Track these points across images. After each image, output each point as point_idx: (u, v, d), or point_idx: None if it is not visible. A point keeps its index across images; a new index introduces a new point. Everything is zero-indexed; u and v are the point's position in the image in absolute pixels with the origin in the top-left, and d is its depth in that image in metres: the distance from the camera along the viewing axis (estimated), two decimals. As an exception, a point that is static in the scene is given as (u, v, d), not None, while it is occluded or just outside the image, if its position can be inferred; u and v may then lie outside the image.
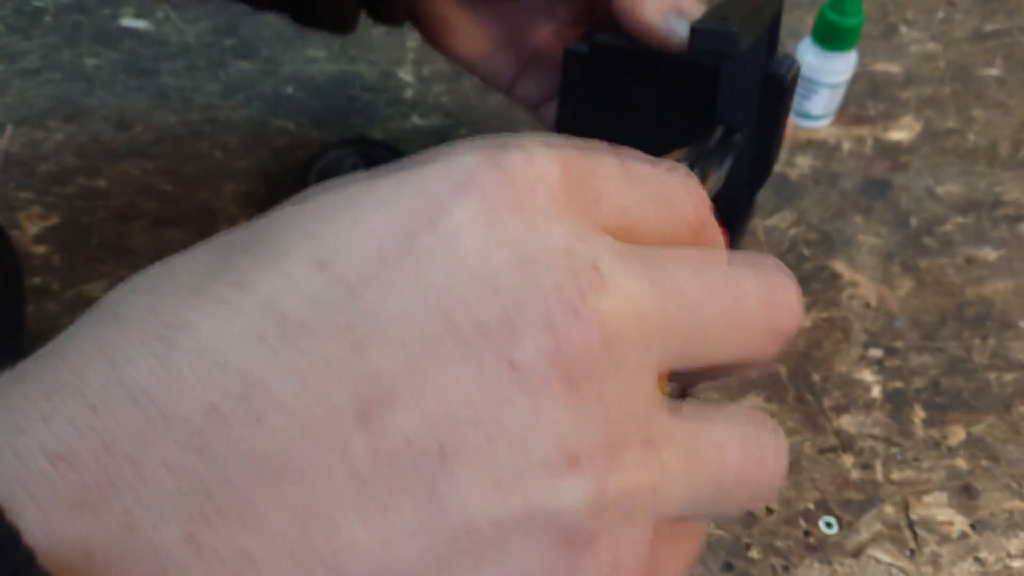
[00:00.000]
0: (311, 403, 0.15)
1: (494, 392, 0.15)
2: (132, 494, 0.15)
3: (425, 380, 0.15)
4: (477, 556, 0.16)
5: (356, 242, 0.17)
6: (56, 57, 0.67)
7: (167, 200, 0.58)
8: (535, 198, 0.17)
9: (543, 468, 0.16)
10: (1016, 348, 0.51)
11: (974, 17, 0.73)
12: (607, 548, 0.16)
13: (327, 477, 0.15)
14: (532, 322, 0.16)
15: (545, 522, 0.16)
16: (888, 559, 0.43)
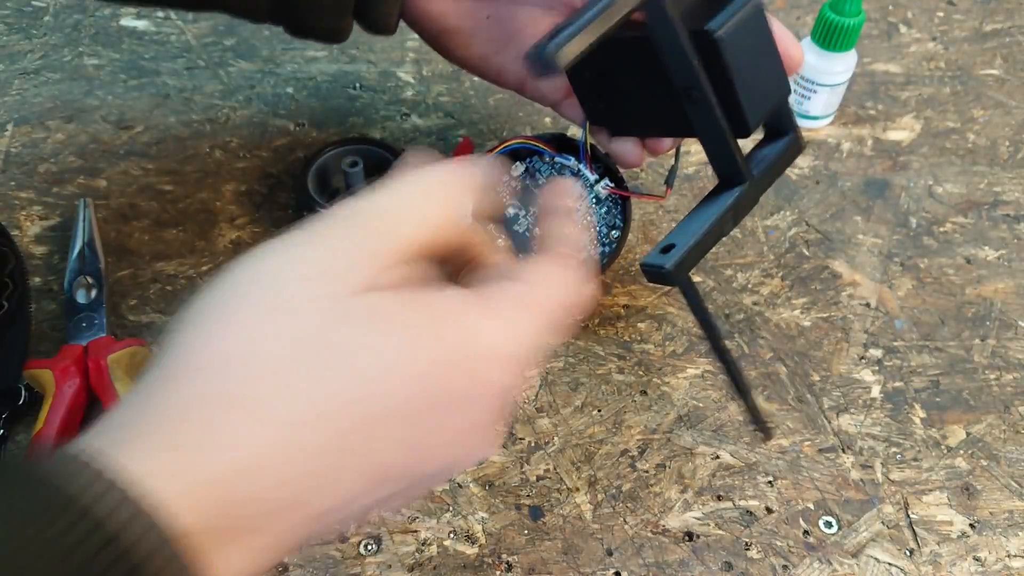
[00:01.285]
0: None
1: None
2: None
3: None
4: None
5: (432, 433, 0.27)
6: (56, 57, 0.67)
7: (167, 200, 0.58)
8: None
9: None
10: (1016, 348, 0.51)
11: (974, 17, 0.73)
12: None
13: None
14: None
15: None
16: (888, 559, 0.43)
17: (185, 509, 0.22)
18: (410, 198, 0.27)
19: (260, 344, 0.24)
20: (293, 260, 0.26)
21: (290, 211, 0.57)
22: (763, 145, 0.42)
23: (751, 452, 0.47)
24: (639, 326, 0.52)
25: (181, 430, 0.23)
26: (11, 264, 0.49)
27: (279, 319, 0.25)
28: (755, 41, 0.37)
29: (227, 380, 0.24)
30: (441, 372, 0.26)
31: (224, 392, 0.24)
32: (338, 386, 0.24)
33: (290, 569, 0.42)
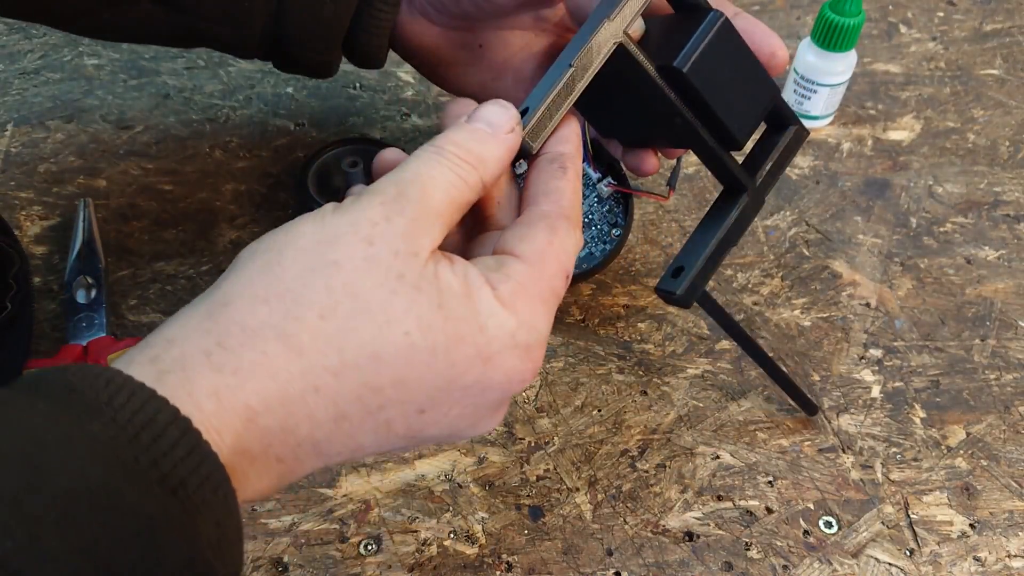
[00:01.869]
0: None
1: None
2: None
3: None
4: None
5: (442, 410, 0.30)
6: (56, 57, 0.67)
7: (167, 200, 0.58)
8: (532, 370, 0.31)
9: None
10: (1016, 348, 0.51)
11: (974, 17, 0.73)
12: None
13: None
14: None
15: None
16: (888, 559, 0.43)
17: (228, 430, 0.26)
18: (438, 167, 0.30)
19: (312, 292, 0.28)
20: (349, 223, 0.29)
21: (290, 211, 0.57)
22: (766, 139, 0.42)
23: (751, 452, 0.47)
24: (639, 326, 0.52)
25: (233, 354, 0.27)
26: (16, 266, 0.49)
27: (331, 272, 0.28)
28: (727, 59, 0.37)
29: (279, 316, 0.27)
30: (459, 353, 0.29)
31: (274, 326, 0.27)
32: (369, 347, 0.28)
33: (290, 569, 0.42)
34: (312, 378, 0.27)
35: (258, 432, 0.26)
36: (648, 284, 0.53)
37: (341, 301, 0.28)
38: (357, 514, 0.44)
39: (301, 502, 0.44)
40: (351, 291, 0.28)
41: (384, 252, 0.28)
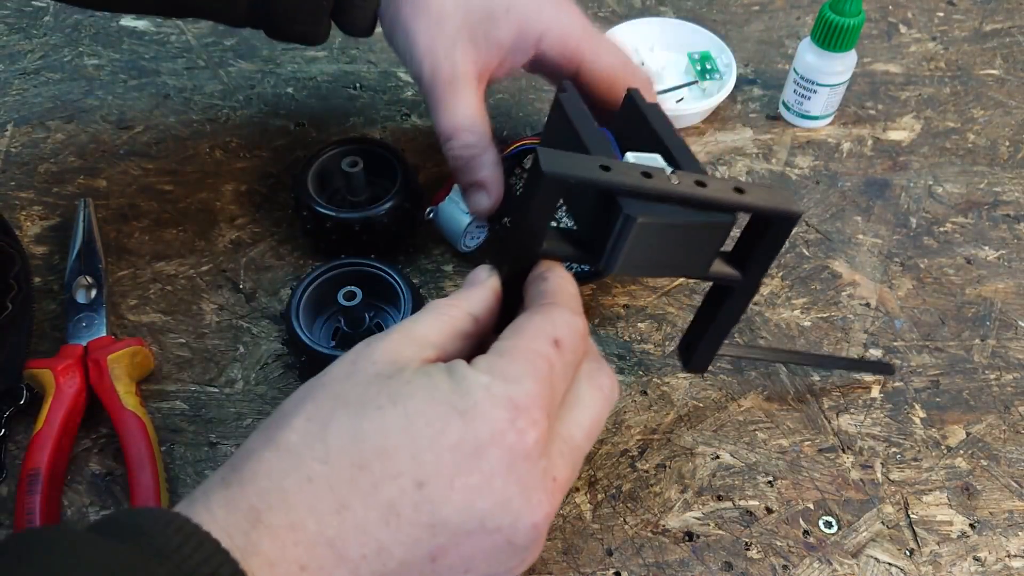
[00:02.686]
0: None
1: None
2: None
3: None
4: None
5: (439, 474, 0.29)
6: (56, 57, 0.67)
7: (167, 200, 0.58)
8: (535, 441, 0.30)
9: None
10: (1016, 348, 0.51)
11: (974, 17, 0.73)
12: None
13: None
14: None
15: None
16: (888, 559, 0.43)
17: (237, 530, 0.27)
18: (424, 311, 0.34)
19: (300, 405, 0.31)
20: (342, 356, 0.33)
21: (290, 211, 0.57)
22: (754, 230, 0.39)
23: (751, 452, 0.47)
24: (639, 326, 0.52)
25: (237, 472, 0.29)
26: (16, 267, 0.49)
27: (316, 390, 0.31)
28: (657, 244, 0.36)
29: (272, 430, 0.30)
30: (432, 412, 0.29)
31: (268, 438, 0.30)
32: (348, 430, 0.29)
33: (290, 569, 0.42)
34: (304, 469, 0.28)
35: (266, 531, 0.27)
36: (648, 284, 0.53)
37: (323, 404, 0.30)
38: (357, 514, 0.44)
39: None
40: (332, 394, 0.30)
41: (364, 363, 0.31)
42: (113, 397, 0.45)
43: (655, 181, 0.34)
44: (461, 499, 0.29)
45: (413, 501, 0.28)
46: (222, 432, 0.47)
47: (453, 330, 0.34)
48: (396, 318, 0.48)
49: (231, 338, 0.51)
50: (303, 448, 0.29)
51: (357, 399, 0.30)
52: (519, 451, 0.29)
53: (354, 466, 0.28)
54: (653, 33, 0.67)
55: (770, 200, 0.36)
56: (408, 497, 0.28)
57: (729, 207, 0.35)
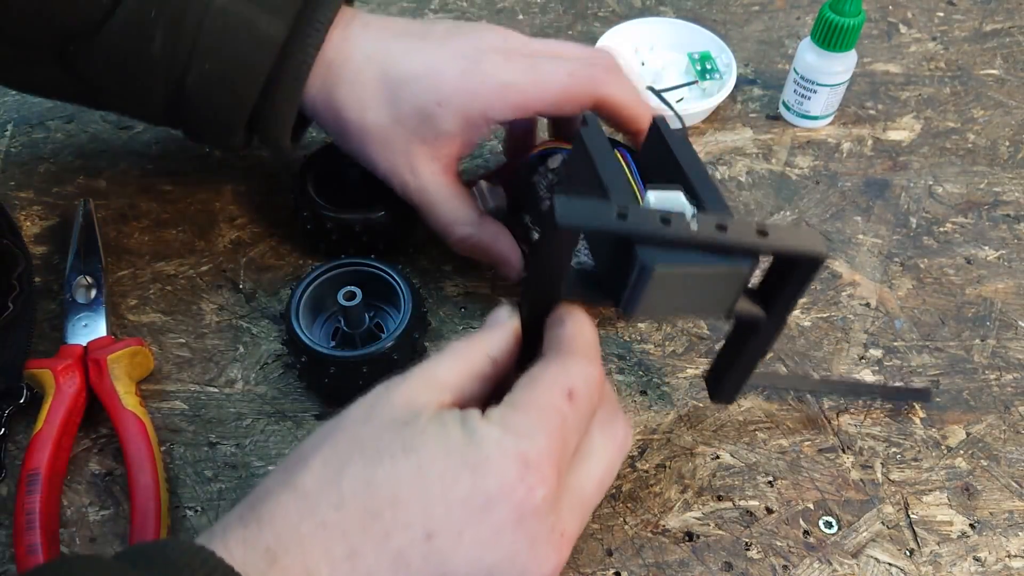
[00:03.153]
0: None
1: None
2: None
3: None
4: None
5: (448, 527, 0.29)
6: (56, 57, 0.67)
7: (167, 200, 0.58)
8: (544, 498, 0.30)
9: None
10: (1016, 348, 0.51)
11: (974, 17, 0.73)
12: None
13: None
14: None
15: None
16: (888, 559, 0.43)
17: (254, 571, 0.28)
18: (442, 354, 0.35)
19: (317, 450, 0.31)
20: (359, 400, 0.33)
21: (290, 211, 0.57)
22: (780, 270, 0.39)
23: (751, 452, 0.47)
24: (639, 326, 0.52)
25: (255, 512, 0.30)
26: (20, 267, 0.49)
27: (335, 434, 0.32)
28: (674, 289, 0.35)
29: (289, 472, 0.31)
30: (445, 464, 0.30)
31: (284, 481, 0.31)
32: (362, 476, 0.30)
33: (290, 569, 0.42)
34: (319, 514, 0.29)
35: (280, 573, 0.28)
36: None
37: (340, 448, 0.31)
38: (357, 514, 0.44)
39: (301, 502, 0.44)
40: (349, 438, 0.31)
41: (382, 407, 0.32)
42: (113, 397, 0.45)
43: (673, 228, 0.33)
44: (469, 552, 0.29)
45: (422, 552, 0.29)
46: (222, 432, 0.47)
47: (471, 373, 0.34)
48: (396, 318, 0.48)
49: (231, 338, 0.51)
50: (318, 493, 0.29)
51: (373, 445, 0.30)
52: (528, 507, 0.30)
53: (367, 514, 0.29)
54: (653, 33, 0.67)
55: (794, 242, 0.35)
56: (417, 548, 0.29)
57: (751, 250, 0.35)
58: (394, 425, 0.31)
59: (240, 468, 0.45)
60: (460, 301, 0.52)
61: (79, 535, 0.43)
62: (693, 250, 0.34)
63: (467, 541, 0.29)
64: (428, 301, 0.52)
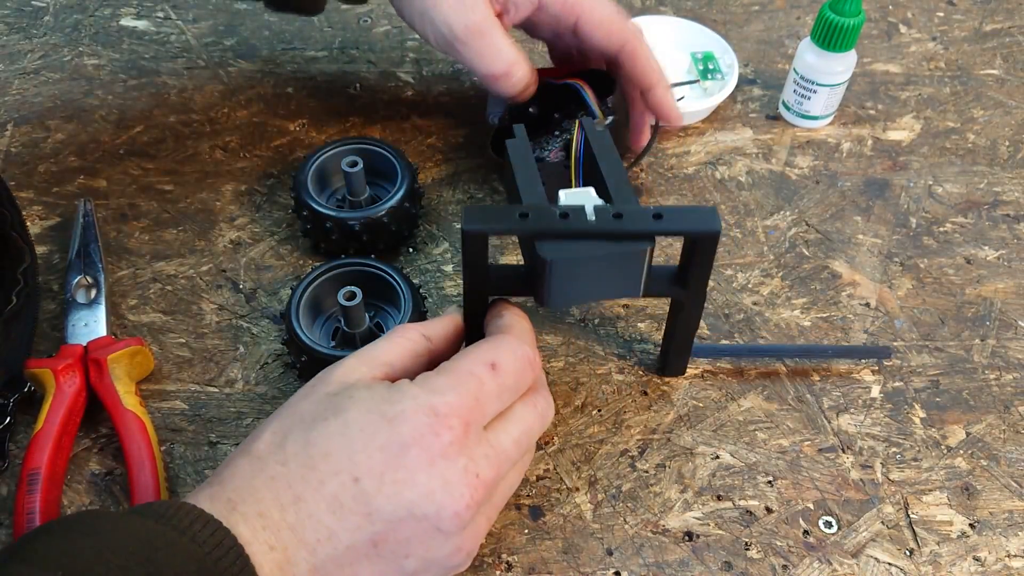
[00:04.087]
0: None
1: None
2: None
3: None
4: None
5: (371, 471, 0.34)
6: (56, 57, 0.67)
7: (167, 200, 0.58)
8: (451, 443, 0.35)
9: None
10: (1016, 348, 0.51)
11: (974, 17, 0.73)
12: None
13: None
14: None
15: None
16: (888, 559, 0.43)
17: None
18: (382, 343, 0.40)
19: (270, 422, 0.37)
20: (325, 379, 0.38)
21: (290, 211, 0.57)
22: (688, 249, 0.42)
23: (751, 452, 0.47)
24: (639, 326, 0.52)
25: (219, 476, 0.35)
26: (26, 263, 0.49)
27: (285, 410, 0.38)
28: (579, 275, 0.40)
29: (247, 443, 0.36)
30: (366, 419, 0.35)
31: (242, 450, 0.36)
32: (302, 437, 0.35)
33: (290, 569, 0.42)
34: (268, 471, 0.34)
35: (240, 517, 0.33)
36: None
37: (285, 421, 0.36)
38: (357, 514, 0.44)
39: (301, 502, 0.44)
40: (291, 412, 0.37)
41: (320, 386, 0.37)
42: (113, 397, 0.45)
43: (571, 221, 0.39)
44: (390, 491, 0.34)
45: (351, 494, 0.34)
46: (222, 432, 0.47)
47: (404, 349, 0.39)
48: (396, 318, 0.48)
49: (231, 338, 0.51)
50: (268, 455, 0.35)
51: (310, 414, 0.36)
52: (436, 450, 0.34)
53: (305, 467, 0.34)
54: (658, 32, 0.67)
55: (688, 222, 0.40)
56: (348, 490, 0.34)
57: (647, 235, 0.39)
58: (327, 397, 0.36)
59: (240, 468, 0.45)
60: (460, 301, 0.52)
61: (79, 535, 0.43)
62: (593, 239, 0.39)
63: (388, 482, 0.34)
64: (428, 301, 0.52)
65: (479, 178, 0.59)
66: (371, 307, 0.49)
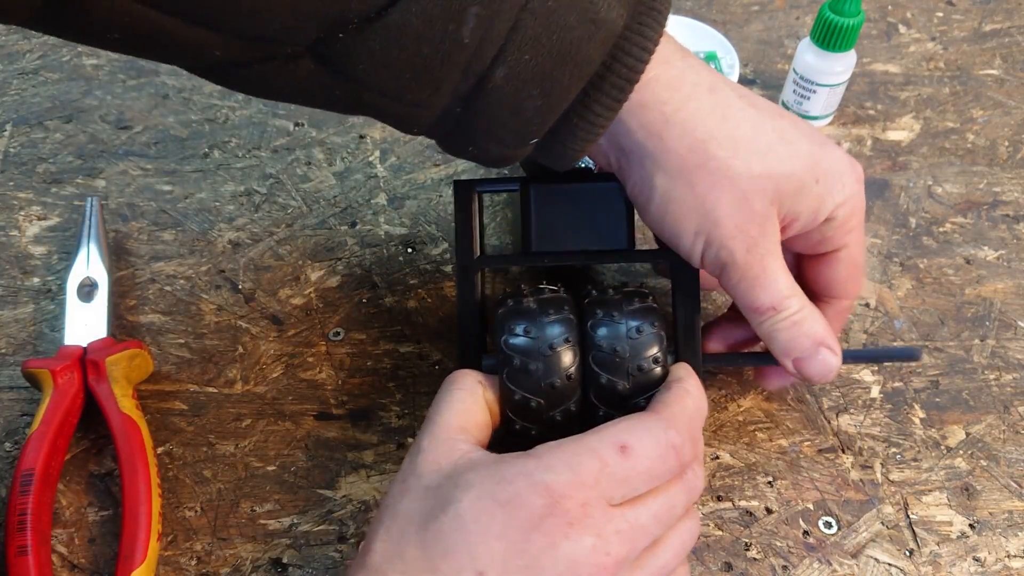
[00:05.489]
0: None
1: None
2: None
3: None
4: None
5: (493, 562, 0.32)
6: (55, 57, 0.67)
7: (167, 200, 0.58)
8: (571, 523, 0.32)
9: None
10: (1016, 348, 0.51)
11: (974, 17, 0.73)
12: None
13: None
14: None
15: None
16: (888, 559, 0.43)
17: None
18: (445, 411, 0.37)
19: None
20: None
21: (290, 211, 0.57)
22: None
23: (751, 452, 0.46)
24: (639, 326, 0.52)
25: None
26: None
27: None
28: (559, 207, 0.43)
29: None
30: (488, 513, 0.33)
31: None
32: (426, 542, 0.33)
33: (290, 570, 0.42)
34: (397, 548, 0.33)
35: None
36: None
37: (392, 525, 0.34)
38: (356, 515, 0.44)
39: (300, 503, 0.44)
40: (395, 513, 0.34)
41: (413, 480, 0.35)
42: (109, 400, 0.45)
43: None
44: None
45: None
46: (221, 433, 0.47)
47: (468, 405, 0.37)
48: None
49: (230, 338, 0.51)
50: (385, 565, 0.33)
51: (418, 513, 0.33)
52: (558, 532, 0.32)
53: (427, 570, 0.32)
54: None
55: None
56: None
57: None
58: (430, 490, 0.34)
59: (239, 468, 0.45)
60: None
61: (78, 535, 0.43)
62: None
63: (513, 570, 0.32)
64: (427, 301, 0.52)
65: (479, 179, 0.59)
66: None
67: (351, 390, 0.49)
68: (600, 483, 0.32)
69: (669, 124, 0.38)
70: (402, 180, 0.59)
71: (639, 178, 0.40)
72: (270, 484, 0.45)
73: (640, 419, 0.35)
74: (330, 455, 0.46)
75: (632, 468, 0.33)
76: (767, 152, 0.38)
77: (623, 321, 0.39)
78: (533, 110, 0.36)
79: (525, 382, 0.38)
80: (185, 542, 0.43)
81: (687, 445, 0.35)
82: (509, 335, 0.38)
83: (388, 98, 0.37)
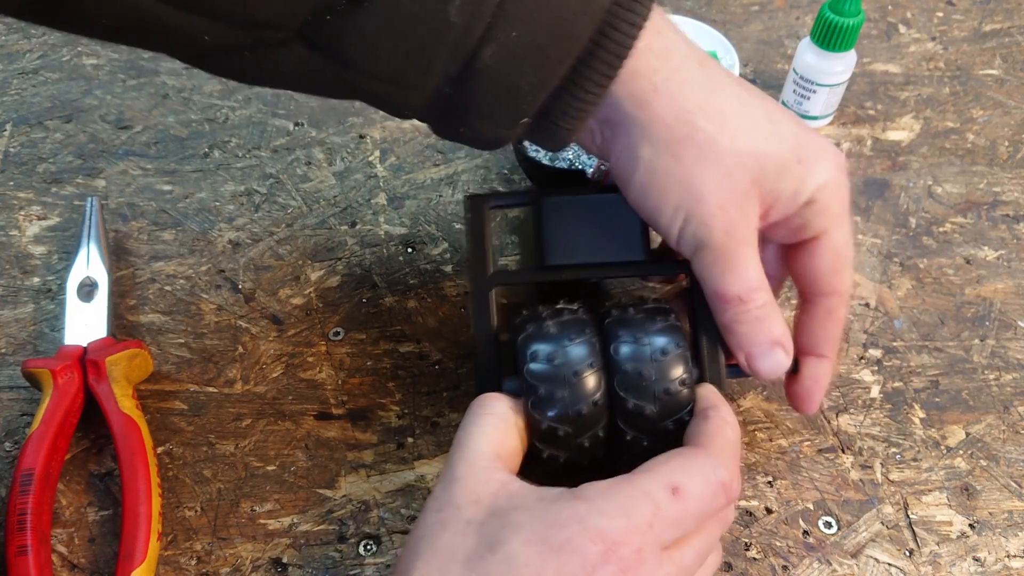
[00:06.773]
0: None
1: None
2: None
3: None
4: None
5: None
6: (55, 57, 0.67)
7: (167, 200, 0.58)
8: (625, 571, 0.31)
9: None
10: (1015, 348, 0.51)
11: (974, 17, 0.73)
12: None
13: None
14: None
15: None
16: (888, 559, 0.43)
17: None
18: (476, 435, 0.36)
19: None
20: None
21: (290, 211, 0.57)
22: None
23: (751, 452, 0.47)
24: (639, 326, 0.52)
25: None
26: None
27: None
28: (572, 219, 0.42)
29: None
30: (541, 558, 0.31)
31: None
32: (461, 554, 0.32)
33: (290, 570, 0.42)
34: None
35: None
36: (648, 284, 0.53)
37: (431, 561, 0.32)
38: (356, 515, 0.44)
39: (300, 503, 0.44)
40: (433, 548, 0.33)
41: (450, 511, 0.33)
42: (109, 400, 0.45)
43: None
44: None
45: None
46: (221, 432, 0.47)
47: (500, 431, 0.36)
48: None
49: (230, 338, 0.51)
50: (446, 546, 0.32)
51: (462, 551, 0.32)
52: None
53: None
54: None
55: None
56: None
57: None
58: (473, 525, 0.32)
59: (239, 468, 0.45)
60: (460, 301, 0.52)
61: (78, 535, 0.43)
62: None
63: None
64: (427, 300, 0.52)
65: (479, 178, 0.59)
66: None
67: (351, 390, 0.49)
68: (654, 527, 0.32)
69: (658, 93, 0.37)
70: (402, 180, 0.59)
71: (624, 148, 0.39)
72: (270, 484, 0.45)
73: (689, 457, 0.34)
74: (330, 455, 0.46)
75: (685, 510, 0.33)
76: (752, 129, 0.38)
77: (648, 343, 0.38)
78: (524, 87, 0.36)
79: (551, 411, 0.37)
80: (185, 542, 0.43)
81: (735, 482, 0.34)
82: (532, 362, 0.37)
83: (379, 81, 0.37)
